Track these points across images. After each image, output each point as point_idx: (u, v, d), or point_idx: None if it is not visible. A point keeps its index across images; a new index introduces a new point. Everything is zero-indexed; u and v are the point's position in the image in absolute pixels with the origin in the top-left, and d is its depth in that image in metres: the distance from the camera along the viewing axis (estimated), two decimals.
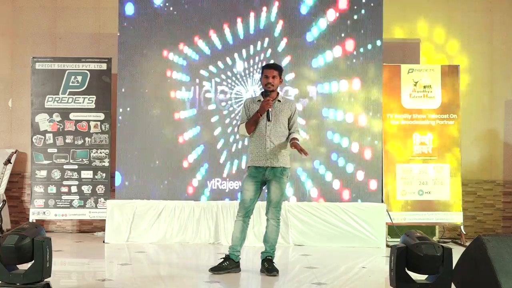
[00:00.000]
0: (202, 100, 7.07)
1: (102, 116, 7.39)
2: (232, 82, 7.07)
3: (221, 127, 7.06)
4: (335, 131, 7.03)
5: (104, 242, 6.81)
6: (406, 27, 7.91)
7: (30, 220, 7.11)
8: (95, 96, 7.39)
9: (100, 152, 7.37)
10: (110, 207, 6.87)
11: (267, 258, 5.09)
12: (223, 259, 5.08)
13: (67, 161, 7.37)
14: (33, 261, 3.79)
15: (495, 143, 7.88)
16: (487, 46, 7.92)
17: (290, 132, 5.17)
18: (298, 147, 4.97)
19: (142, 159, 7.00)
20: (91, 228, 7.80)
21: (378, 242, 6.75)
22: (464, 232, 7.24)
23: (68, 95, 7.39)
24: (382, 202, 6.97)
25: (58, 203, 7.33)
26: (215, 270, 5.01)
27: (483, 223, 7.83)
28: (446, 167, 7.16)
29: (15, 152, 7.46)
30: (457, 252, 3.91)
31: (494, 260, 3.60)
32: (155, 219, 6.83)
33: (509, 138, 7.88)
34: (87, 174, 7.37)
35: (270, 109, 5.01)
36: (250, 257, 5.84)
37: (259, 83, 6.40)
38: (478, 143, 7.85)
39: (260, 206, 6.10)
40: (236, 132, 6.68)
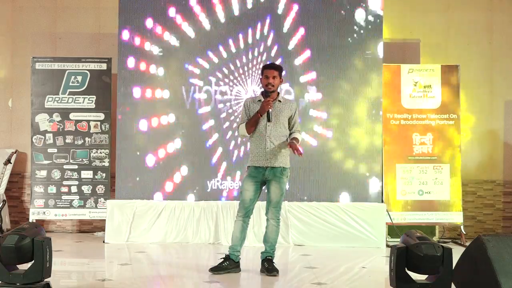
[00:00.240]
0: (203, 99, 7.07)
1: (102, 116, 7.39)
2: (231, 82, 7.07)
3: (220, 127, 7.07)
4: (335, 131, 7.03)
5: (104, 242, 6.81)
6: (406, 27, 7.90)
7: (30, 220, 7.11)
8: (95, 96, 7.39)
9: (100, 152, 7.37)
10: (110, 207, 6.87)
11: (267, 258, 5.09)
12: (223, 259, 5.08)
13: (67, 161, 7.37)
14: (33, 261, 3.79)
15: (495, 143, 7.87)
16: (487, 46, 7.92)
17: (291, 132, 5.18)
18: (293, 146, 4.98)
19: (142, 159, 7.00)
20: (91, 228, 7.80)
21: (378, 242, 6.75)
22: (464, 232, 7.24)
23: (68, 95, 7.39)
24: (382, 202, 6.97)
25: (58, 203, 7.33)
26: (215, 270, 5.01)
27: (483, 223, 7.82)
28: (446, 167, 7.16)
29: (15, 152, 7.46)
30: (457, 252, 3.92)
31: (494, 260, 3.60)
32: (155, 219, 6.82)
33: (509, 138, 7.88)
34: (87, 174, 7.36)
35: (270, 109, 5.01)
36: (250, 257, 5.84)
37: (258, 83, 6.39)
38: (478, 143, 7.85)
39: (260, 206, 6.10)
40: (236, 132, 6.68)
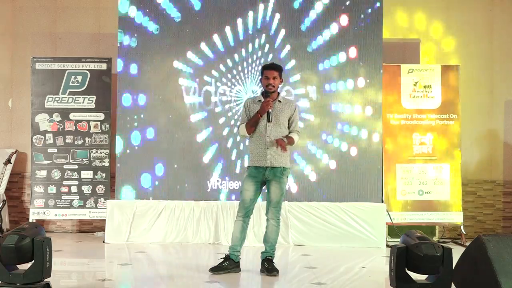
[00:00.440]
0: (202, 99, 7.07)
1: (102, 116, 7.39)
2: (230, 82, 7.07)
3: (220, 127, 7.08)
4: (335, 131, 7.03)
5: (104, 242, 6.81)
6: (406, 27, 7.90)
7: (30, 220, 7.11)
8: (95, 96, 7.38)
9: (100, 152, 7.37)
10: (110, 207, 6.87)
11: (267, 258, 5.09)
12: (223, 259, 5.07)
13: (67, 161, 7.36)
14: (33, 261, 3.79)
15: (495, 143, 7.87)
16: (487, 46, 7.92)
17: (289, 131, 5.17)
18: (280, 142, 4.96)
19: (142, 159, 7.00)
20: (91, 228, 7.80)
21: (378, 242, 6.75)
22: (464, 232, 7.24)
23: (68, 95, 7.38)
24: (382, 202, 6.96)
25: (58, 203, 7.33)
26: (215, 270, 5.01)
27: (483, 223, 7.82)
28: (446, 167, 7.16)
29: (15, 152, 7.46)
30: (457, 252, 3.91)
31: (494, 260, 3.60)
32: (155, 219, 6.82)
33: (509, 138, 7.88)
34: (87, 174, 7.36)
35: (270, 109, 5.00)
36: (250, 257, 5.84)
37: (258, 82, 6.38)
38: (478, 143, 7.85)
39: (260, 206, 6.11)
40: (237, 132, 6.67)
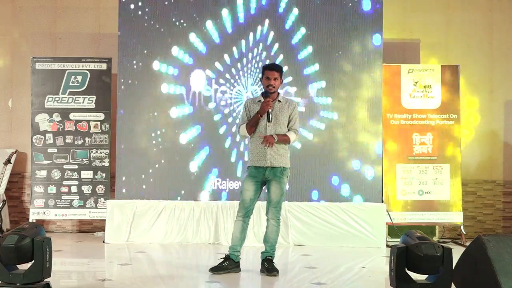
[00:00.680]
0: (203, 99, 7.06)
1: (102, 116, 7.39)
2: (228, 83, 7.07)
3: (223, 126, 7.08)
4: (334, 131, 7.03)
5: (104, 242, 6.81)
6: (406, 27, 7.90)
7: (30, 220, 7.11)
8: (95, 96, 7.38)
9: (100, 152, 7.37)
10: (110, 207, 6.87)
11: (267, 258, 5.09)
12: (223, 259, 5.07)
13: (67, 161, 7.36)
14: (33, 261, 3.79)
15: (495, 143, 7.87)
16: (487, 46, 7.92)
17: (287, 129, 5.15)
18: (267, 138, 4.95)
19: (142, 159, 7.00)
20: (91, 228, 7.80)
21: (378, 242, 6.75)
22: (464, 232, 7.24)
23: (68, 95, 7.38)
24: (382, 202, 6.96)
25: (58, 203, 7.32)
26: (215, 270, 5.01)
27: (483, 223, 7.82)
28: (446, 167, 7.16)
29: (15, 152, 7.46)
30: (457, 252, 3.91)
31: (494, 260, 3.60)
32: (155, 219, 6.82)
33: (509, 138, 7.88)
34: (87, 174, 7.36)
35: (270, 110, 5.00)
36: (250, 257, 5.84)
37: (258, 81, 6.39)
38: (478, 143, 7.85)
39: (260, 206, 6.11)
40: (237, 132, 6.67)
